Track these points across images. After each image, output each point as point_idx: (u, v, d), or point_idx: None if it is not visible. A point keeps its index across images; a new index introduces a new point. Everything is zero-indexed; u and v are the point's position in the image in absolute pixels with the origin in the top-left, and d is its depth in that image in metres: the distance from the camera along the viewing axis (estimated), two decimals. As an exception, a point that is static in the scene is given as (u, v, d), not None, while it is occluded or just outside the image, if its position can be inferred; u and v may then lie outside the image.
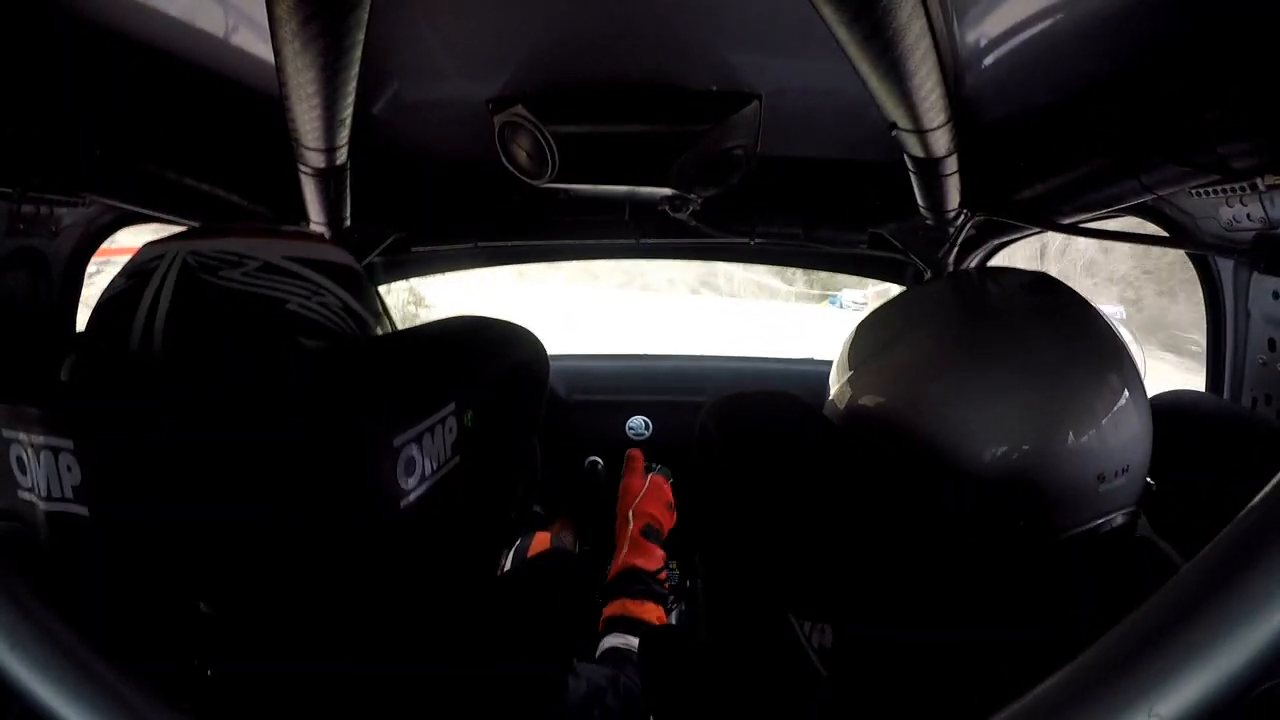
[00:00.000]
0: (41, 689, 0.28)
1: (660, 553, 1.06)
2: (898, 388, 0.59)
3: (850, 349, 0.68)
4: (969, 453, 0.54)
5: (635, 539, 1.06)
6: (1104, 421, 0.53)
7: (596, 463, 1.55)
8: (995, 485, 0.53)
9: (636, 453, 1.18)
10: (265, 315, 0.48)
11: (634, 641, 0.91)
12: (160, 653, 0.45)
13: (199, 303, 0.47)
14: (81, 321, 0.91)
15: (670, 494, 1.18)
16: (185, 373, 0.46)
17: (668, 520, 1.14)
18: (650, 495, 1.13)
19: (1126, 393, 0.55)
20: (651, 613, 0.98)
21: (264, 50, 0.74)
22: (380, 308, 0.59)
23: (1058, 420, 0.53)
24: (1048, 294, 0.60)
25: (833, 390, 0.70)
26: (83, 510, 0.43)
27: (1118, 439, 0.54)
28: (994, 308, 0.60)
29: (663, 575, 1.04)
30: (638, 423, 1.64)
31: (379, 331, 0.57)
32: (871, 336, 0.66)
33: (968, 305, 0.61)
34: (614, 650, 0.90)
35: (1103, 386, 0.54)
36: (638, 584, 1.00)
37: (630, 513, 1.11)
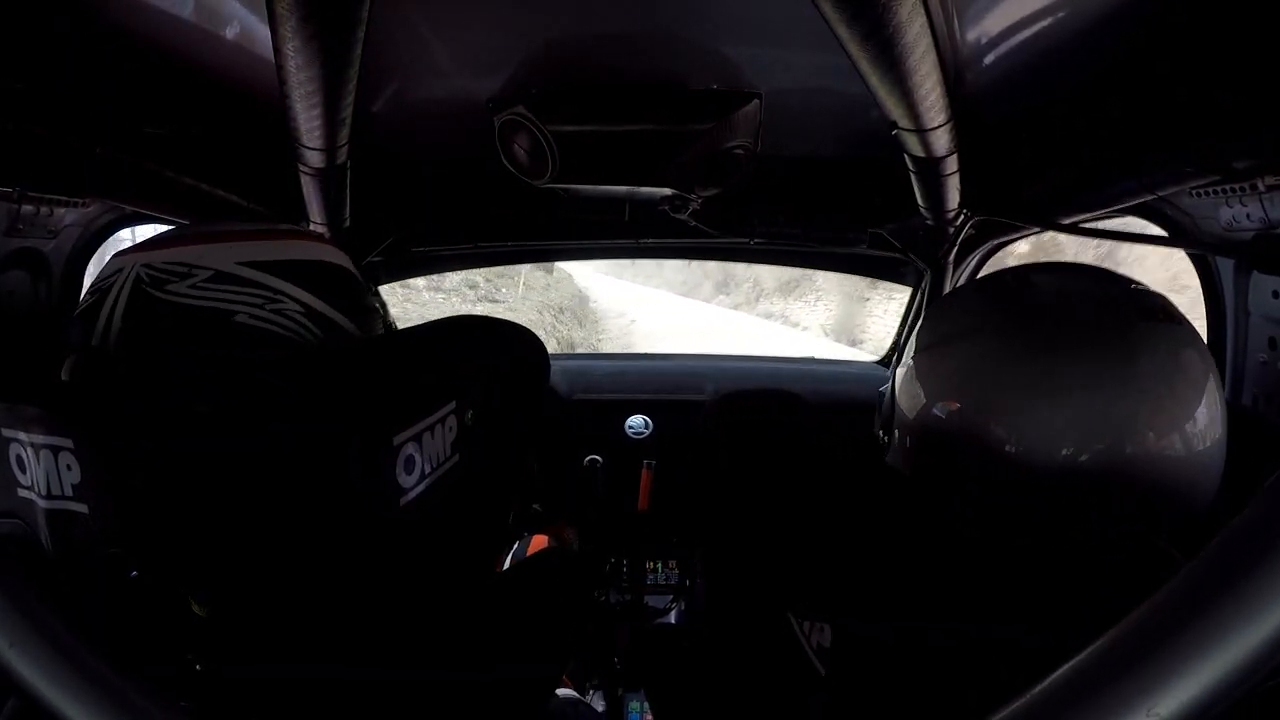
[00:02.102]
0: (40, 686, 0.28)
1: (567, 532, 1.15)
2: (965, 389, 0.57)
3: (919, 335, 0.65)
4: (1040, 454, 0.52)
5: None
6: (1186, 424, 0.51)
7: (596, 462, 1.55)
8: (1066, 488, 0.52)
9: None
10: (210, 330, 0.47)
11: (572, 692, 0.96)
12: (158, 650, 0.45)
13: (146, 320, 0.47)
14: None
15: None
16: (139, 389, 0.46)
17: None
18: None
19: (1213, 392, 0.52)
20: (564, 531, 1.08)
21: (264, 50, 0.74)
22: (371, 305, 0.58)
23: (1137, 419, 0.50)
24: (1116, 288, 0.57)
25: (897, 379, 0.67)
26: (82, 509, 0.43)
27: (1202, 444, 0.52)
28: (1069, 304, 0.57)
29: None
30: (638, 422, 1.64)
31: (357, 331, 0.55)
32: (939, 327, 0.63)
33: (1036, 302, 0.58)
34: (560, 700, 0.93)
35: (1184, 383, 0.52)
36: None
37: None
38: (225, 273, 0.48)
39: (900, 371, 0.65)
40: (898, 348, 1.80)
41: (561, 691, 0.92)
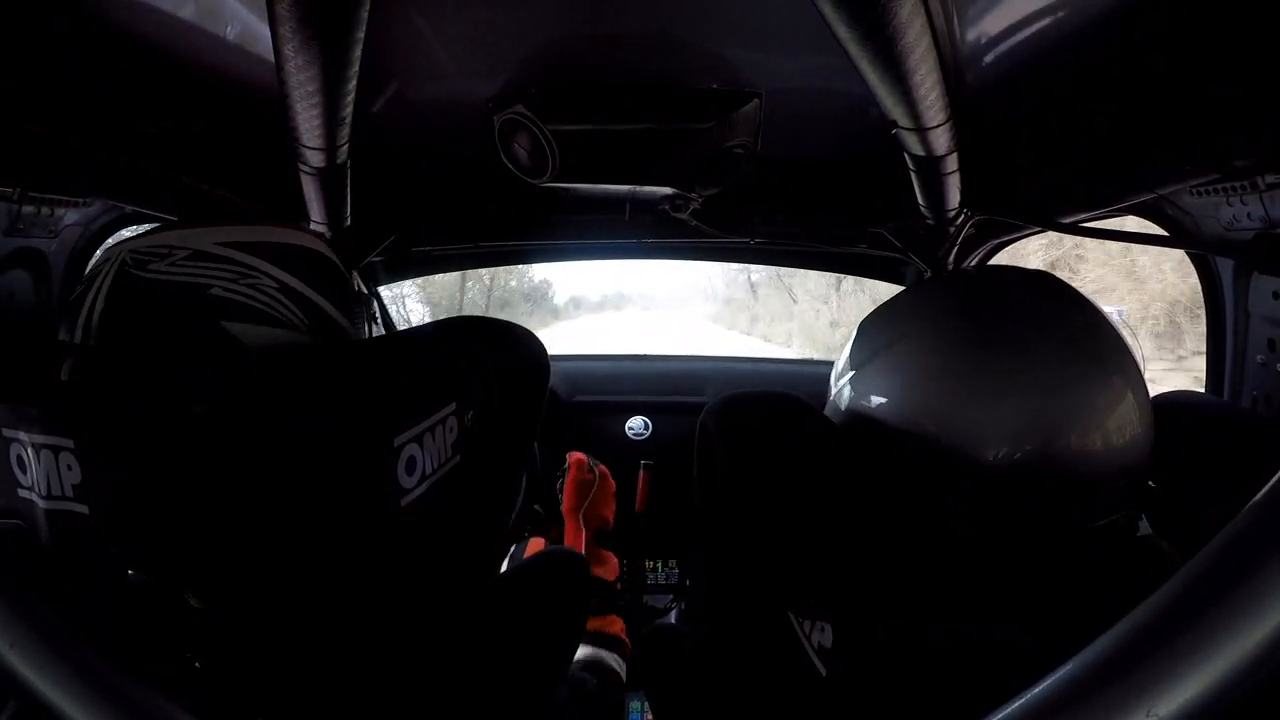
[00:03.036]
0: (41, 686, 0.28)
1: (614, 559, 1.04)
2: (900, 388, 0.59)
3: (853, 348, 0.67)
4: (972, 454, 0.53)
5: (591, 549, 1.02)
6: (1108, 422, 0.53)
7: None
8: (999, 486, 0.53)
9: (578, 456, 1.12)
10: (185, 301, 0.48)
11: (601, 653, 0.91)
12: (158, 650, 0.45)
13: (126, 296, 0.48)
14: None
15: (612, 483, 1.12)
16: (137, 387, 0.46)
17: (612, 512, 1.10)
18: (599, 496, 1.08)
19: (1130, 393, 0.54)
20: (614, 625, 0.97)
21: (264, 50, 0.74)
22: (351, 291, 0.58)
23: (1061, 421, 0.52)
24: (1049, 292, 0.59)
25: (833, 390, 0.70)
26: (83, 509, 0.43)
27: (1121, 440, 0.53)
28: (995, 307, 0.59)
29: (619, 586, 1.01)
30: (638, 423, 1.64)
31: (335, 312, 0.55)
32: (874, 335, 0.65)
33: (969, 304, 0.60)
34: (581, 661, 0.90)
35: (1106, 387, 0.54)
36: (599, 598, 0.98)
37: (580, 518, 1.06)
38: (204, 251, 0.50)
39: (833, 371, 0.69)
40: None
41: (583, 651, 0.89)
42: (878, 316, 0.67)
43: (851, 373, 0.65)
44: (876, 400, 0.61)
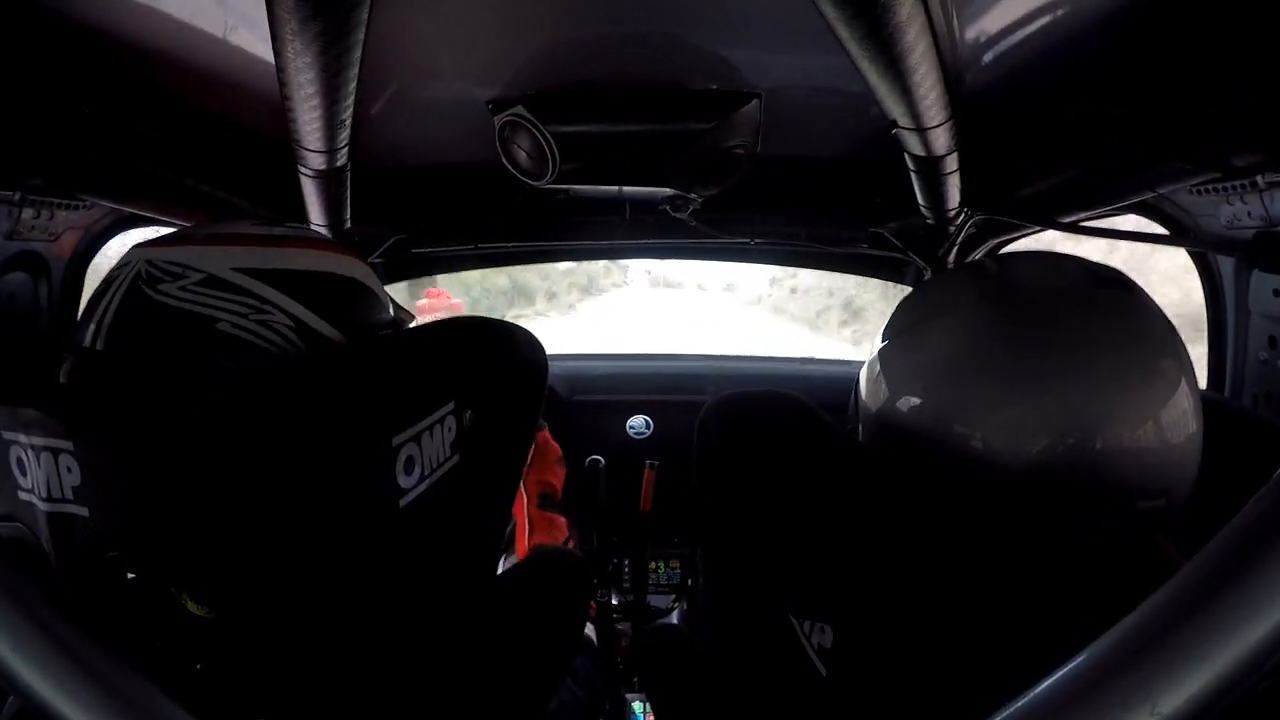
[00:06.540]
0: (43, 688, 0.28)
1: (562, 520, 1.01)
2: (933, 379, 0.55)
3: (884, 330, 0.64)
4: (1008, 450, 0.51)
5: (535, 514, 1.00)
6: (1161, 414, 0.49)
7: (598, 462, 1.55)
8: (1034, 484, 0.50)
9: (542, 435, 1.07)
10: (190, 334, 0.47)
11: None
12: (158, 651, 0.45)
13: (134, 316, 0.47)
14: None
15: (557, 448, 1.07)
16: (136, 390, 0.46)
17: (559, 477, 1.06)
18: (537, 461, 1.04)
19: (1182, 384, 0.50)
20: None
21: (264, 50, 0.74)
22: (377, 320, 0.57)
23: (1105, 413, 0.49)
24: (1091, 278, 0.56)
25: (862, 372, 0.67)
26: (83, 511, 0.43)
27: (1175, 436, 0.50)
28: (1038, 294, 0.55)
29: (571, 544, 0.97)
30: (638, 422, 1.64)
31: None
32: (904, 321, 0.62)
33: (1010, 291, 0.57)
34: None
35: (1155, 375, 0.50)
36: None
37: (522, 485, 1.01)
38: (218, 278, 0.48)
39: (865, 365, 0.65)
40: None
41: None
42: (912, 301, 0.64)
43: (877, 352, 0.63)
44: (904, 394, 0.57)
